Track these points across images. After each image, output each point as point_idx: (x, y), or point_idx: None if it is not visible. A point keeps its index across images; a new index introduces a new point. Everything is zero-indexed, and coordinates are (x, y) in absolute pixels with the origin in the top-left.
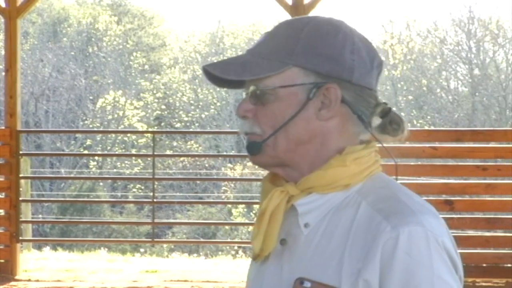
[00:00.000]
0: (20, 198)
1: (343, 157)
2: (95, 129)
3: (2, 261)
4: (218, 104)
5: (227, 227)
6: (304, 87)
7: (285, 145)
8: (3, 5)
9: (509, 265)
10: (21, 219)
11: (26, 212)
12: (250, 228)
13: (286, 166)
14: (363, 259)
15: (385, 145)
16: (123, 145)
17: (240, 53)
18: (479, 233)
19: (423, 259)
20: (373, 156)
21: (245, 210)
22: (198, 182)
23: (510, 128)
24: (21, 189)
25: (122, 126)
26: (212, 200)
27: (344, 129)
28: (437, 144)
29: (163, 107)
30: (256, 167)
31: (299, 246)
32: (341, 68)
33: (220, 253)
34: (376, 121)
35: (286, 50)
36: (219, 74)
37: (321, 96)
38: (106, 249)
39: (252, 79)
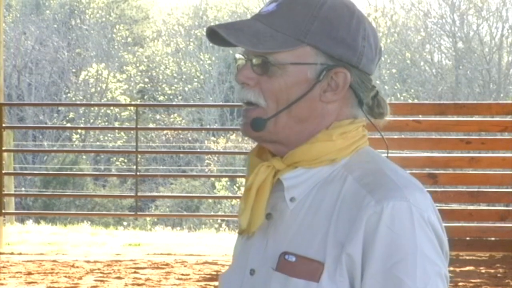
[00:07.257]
0: (3, 171)
1: (329, 131)
2: (78, 102)
3: None
4: (202, 77)
5: (210, 200)
6: (314, 67)
7: (286, 122)
8: None
9: (493, 238)
10: (3, 192)
11: (9, 185)
12: (234, 201)
13: (279, 142)
14: (347, 233)
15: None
16: (106, 118)
17: None
18: (463, 207)
19: (406, 234)
20: (361, 131)
21: (228, 183)
22: (181, 155)
23: (494, 102)
24: (3, 162)
25: (105, 99)
26: (195, 174)
27: (341, 111)
28: (420, 118)
29: (146, 80)
30: (240, 140)
31: (285, 220)
32: (352, 53)
33: (203, 226)
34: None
35: (302, 28)
36: (233, 41)
37: (328, 78)
38: (89, 222)
39: (266, 52)
